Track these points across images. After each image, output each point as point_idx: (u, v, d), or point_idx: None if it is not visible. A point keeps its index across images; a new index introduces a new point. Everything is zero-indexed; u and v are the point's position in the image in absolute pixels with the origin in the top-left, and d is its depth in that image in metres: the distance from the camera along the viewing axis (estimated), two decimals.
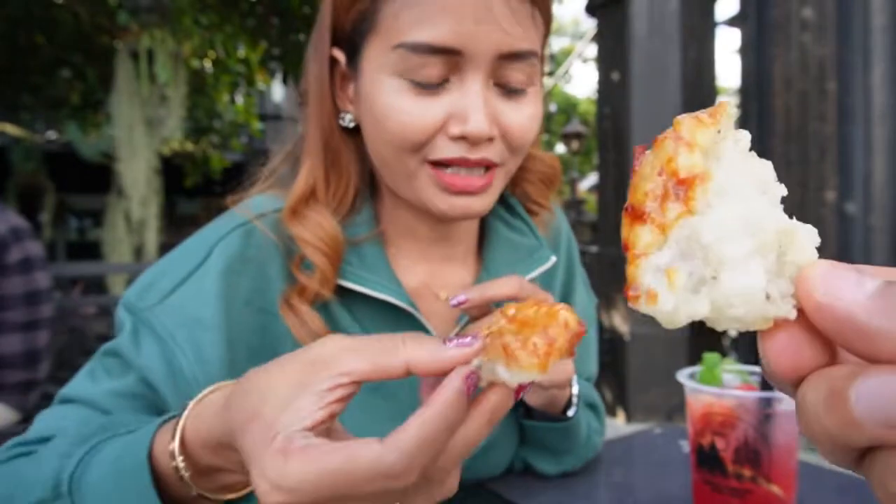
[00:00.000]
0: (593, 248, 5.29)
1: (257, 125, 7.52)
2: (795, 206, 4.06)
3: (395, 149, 0.60)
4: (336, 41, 0.65)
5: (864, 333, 0.19)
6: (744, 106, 4.50)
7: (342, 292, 0.66)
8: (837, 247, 3.86)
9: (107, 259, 6.13)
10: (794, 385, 0.22)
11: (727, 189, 0.23)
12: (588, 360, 0.89)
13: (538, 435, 0.77)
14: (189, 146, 7.22)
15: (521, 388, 0.38)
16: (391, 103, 0.58)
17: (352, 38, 0.63)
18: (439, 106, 0.58)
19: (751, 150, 0.25)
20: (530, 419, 0.76)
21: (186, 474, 0.45)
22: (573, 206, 11.47)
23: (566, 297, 0.85)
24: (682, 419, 0.71)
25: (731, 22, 5.68)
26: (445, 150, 0.59)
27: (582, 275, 0.89)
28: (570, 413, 0.74)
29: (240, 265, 0.62)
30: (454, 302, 0.65)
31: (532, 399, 0.72)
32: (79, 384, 0.61)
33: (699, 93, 4.68)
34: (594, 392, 0.88)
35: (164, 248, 6.36)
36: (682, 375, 0.68)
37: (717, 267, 0.23)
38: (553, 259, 0.75)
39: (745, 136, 0.25)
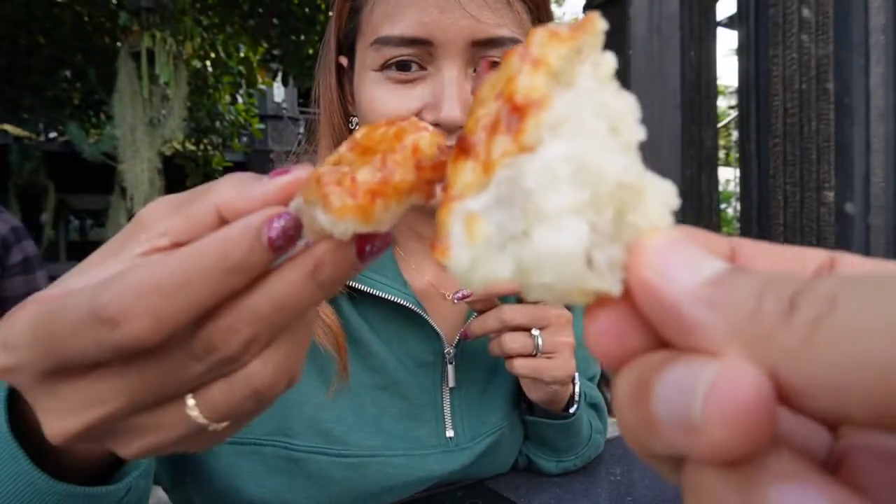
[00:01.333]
0: None
1: (258, 125, 7.53)
2: (795, 206, 4.06)
3: None
4: (341, 49, 0.68)
5: (683, 324, 0.15)
6: (742, 106, 4.50)
7: (352, 293, 0.67)
8: (836, 247, 3.88)
9: None
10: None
11: (566, 123, 0.18)
12: (591, 360, 0.90)
13: (539, 432, 0.78)
14: (190, 146, 7.23)
15: (362, 246, 0.26)
16: (372, 96, 0.61)
17: (349, 42, 0.66)
18: (416, 96, 0.60)
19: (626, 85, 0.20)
20: (532, 415, 0.77)
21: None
22: None
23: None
24: None
25: (730, 22, 5.69)
26: None
27: None
28: (572, 410, 0.75)
29: None
30: (458, 296, 0.67)
31: (533, 395, 0.73)
32: None
33: (699, 93, 4.69)
34: (597, 392, 0.89)
35: None
36: None
37: (533, 220, 0.18)
38: None
39: (609, 62, 0.19)
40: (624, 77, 4.65)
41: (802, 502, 0.13)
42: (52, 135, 7.98)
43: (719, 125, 7.37)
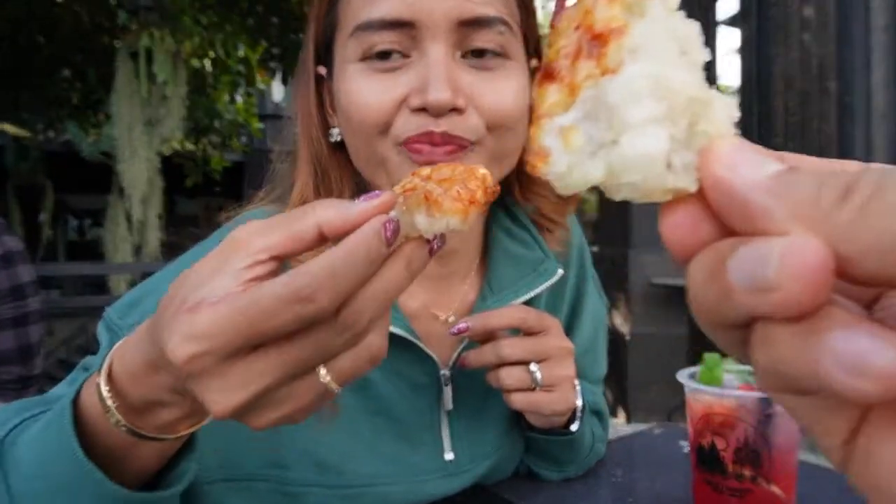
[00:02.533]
0: (594, 248, 5.30)
1: (257, 125, 7.53)
2: None
3: (365, 136, 0.58)
4: (319, 59, 0.65)
5: (750, 212, 0.18)
6: (744, 105, 4.50)
7: None
8: None
9: (108, 259, 6.13)
10: (684, 264, 0.21)
11: (643, 47, 0.21)
12: (598, 362, 0.88)
13: (541, 446, 0.76)
14: (189, 146, 7.23)
15: (431, 245, 0.36)
16: (354, 88, 0.57)
17: (327, 45, 0.63)
18: (401, 83, 0.56)
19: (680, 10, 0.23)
20: (532, 431, 0.75)
21: (113, 405, 0.40)
22: None
23: (577, 302, 0.84)
24: (682, 419, 0.71)
25: (732, 21, 5.68)
26: (408, 124, 0.55)
27: (594, 277, 0.87)
28: (574, 427, 0.73)
29: None
30: (454, 330, 0.64)
31: (533, 421, 0.71)
32: (58, 389, 0.59)
33: None
34: (601, 399, 0.87)
35: (165, 248, 6.38)
36: (683, 375, 0.68)
37: (619, 130, 0.21)
38: (560, 272, 0.72)
39: None
40: None
41: (855, 341, 0.15)
42: (51, 134, 7.99)
43: None
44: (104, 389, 0.41)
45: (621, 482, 0.80)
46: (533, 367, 0.63)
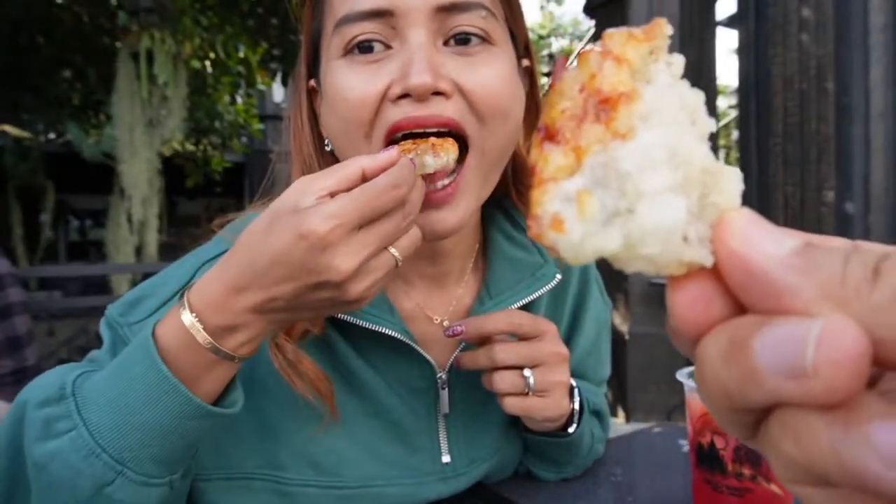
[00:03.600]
0: None
1: (257, 126, 7.52)
2: (795, 206, 4.06)
3: (350, 138, 0.58)
4: (310, 73, 0.66)
5: (773, 289, 0.17)
6: (743, 105, 4.50)
7: (340, 326, 0.65)
8: None
9: (110, 259, 6.13)
10: (696, 342, 0.20)
11: (655, 114, 0.21)
12: (601, 364, 0.88)
13: (539, 447, 0.77)
14: (190, 146, 7.23)
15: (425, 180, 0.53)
16: (339, 83, 0.57)
17: (315, 51, 0.64)
18: (384, 73, 0.56)
19: (684, 78, 0.22)
20: (530, 432, 0.76)
21: (199, 326, 0.48)
22: None
23: (580, 304, 0.84)
24: (681, 418, 0.72)
25: (730, 22, 5.69)
26: (391, 114, 0.55)
27: (597, 279, 0.87)
28: (571, 430, 0.73)
29: None
30: (448, 332, 0.65)
31: (528, 424, 0.71)
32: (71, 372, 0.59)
33: None
34: (602, 400, 0.87)
35: (165, 249, 6.38)
36: (682, 375, 0.69)
37: (634, 199, 0.20)
38: (558, 277, 0.72)
39: (680, 61, 0.22)
40: None
41: None
42: (52, 135, 7.98)
43: (719, 125, 7.38)
44: (190, 317, 0.48)
45: (621, 481, 0.81)
46: (527, 372, 0.64)
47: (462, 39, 0.56)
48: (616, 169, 0.20)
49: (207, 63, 6.23)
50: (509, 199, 0.74)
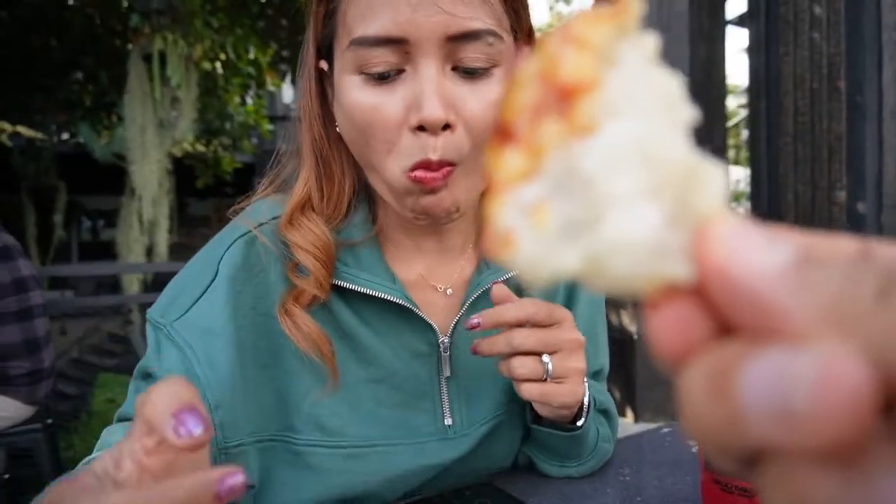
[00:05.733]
0: None
1: (267, 126, 7.56)
2: (805, 205, 4.04)
3: (372, 151, 0.61)
4: (320, 54, 0.68)
5: (764, 309, 0.15)
6: (753, 105, 4.48)
7: (343, 293, 0.68)
8: None
9: (121, 259, 6.19)
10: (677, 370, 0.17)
11: (623, 105, 0.17)
12: (598, 352, 0.89)
13: (543, 439, 0.78)
14: (200, 147, 7.28)
15: None
16: (355, 98, 0.59)
17: (327, 46, 0.66)
18: (398, 97, 0.59)
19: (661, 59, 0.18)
20: (537, 424, 0.77)
21: None
22: None
23: (573, 287, 0.85)
24: None
25: (740, 20, 5.66)
26: (411, 150, 0.59)
27: None
28: (580, 423, 0.74)
29: (244, 274, 0.65)
30: (467, 326, 0.66)
31: (541, 412, 0.72)
32: (129, 404, 0.65)
33: (708, 92, 4.67)
34: (608, 398, 0.87)
35: (176, 249, 6.43)
36: None
37: (598, 207, 0.17)
38: None
39: (652, 41, 0.19)
40: None
41: None
42: (65, 136, 8.06)
43: (729, 124, 7.33)
44: None
45: (629, 481, 0.81)
46: (545, 358, 0.64)
47: (469, 71, 0.60)
48: (578, 171, 0.17)
49: (218, 64, 6.27)
50: None
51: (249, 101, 7.28)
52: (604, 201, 0.17)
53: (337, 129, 0.67)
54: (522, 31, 0.66)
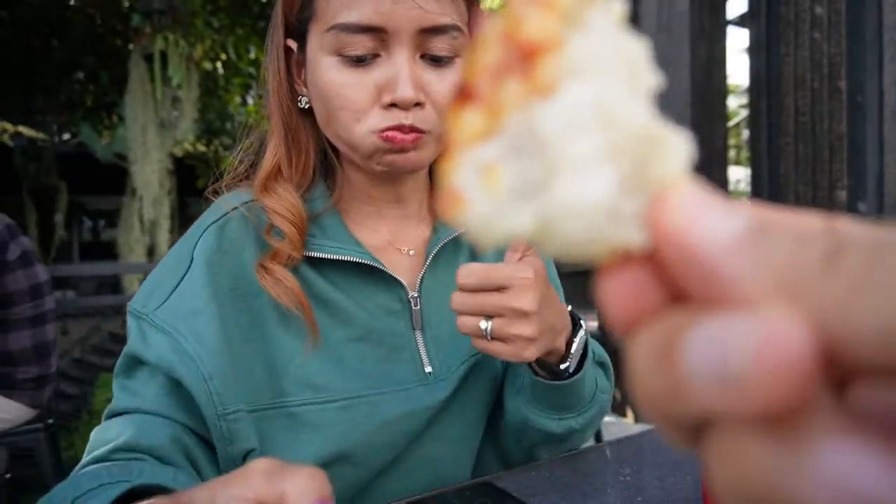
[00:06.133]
0: None
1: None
2: (806, 206, 4.03)
3: (343, 122, 0.68)
4: (289, 33, 0.74)
5: (716, 276, 0.14)
6: (753, 105, 4.48)
7: (313, 263, 0.72)
8: None
9: (122, 259, 6.19)
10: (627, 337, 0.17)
11: (585, 67, 0.17)
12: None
13: (542, 391, 0.78)
14: (201, 147, 7.28)
15: None
16: (332, 80, 0.67)
17: (299, 28, 0.72)
18: (372, 78, 0.66)
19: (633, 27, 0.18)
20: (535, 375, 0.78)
21: None
22: None
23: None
24: None
25: (741, 21, 5.66)
26: (383, 119, 0.67)
27: None
28: (564, 366, 0.75)
29: (219, 257, 0.70)
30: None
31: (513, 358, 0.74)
32: (121, 400, 0.67)
33: (709, 92, 4.67)
34: (602, 350, 0.92)
35: None
36: None
37: (553, 169, 0.17)
38: None
39: (620, 5, 0.18)
40: None
41: (857, 457, 0.12)
42: (66, 136, 8.06)
43: (730, 124, 7.33)
44: None
45: (630, 481, 0.81)
46: (483, 323, 0.67)
47: (435, 59, 0.68)
48: (536, 132, 0.17)
49: (219, 64, 6.28)
50: None
51: (250, 101, 7.29)
52: (559, 163, 0.16)
53: (300, 103, 0.74)
54: (472, 28, 0.74)
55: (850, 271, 0.13)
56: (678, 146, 0.17)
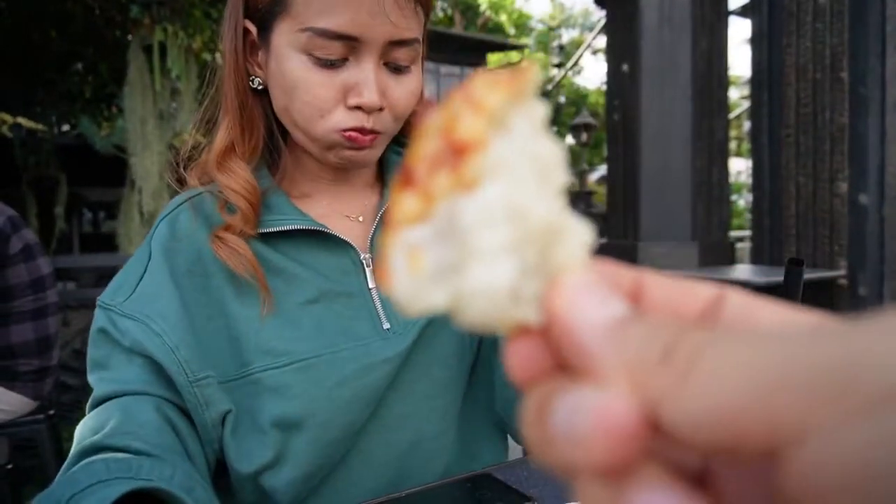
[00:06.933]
0: (603, 240, 5.29)
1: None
2: (807, 197, 4.03)
3: (307, 116, 0.72)
4: (249, 15, 0.76)
5: (585, 354, 0.18)
6: (755, 96, 4.46)
7: (264, 238, 0.76)
8: (850, 238, 3.84)
9: (122, 251, 6.20)
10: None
11: (502, 167, 0.19)
12: None
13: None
14: (201, 139, 7.26)
15: None
16: (301, 76, 0.71)
17: (264, 15, 0.75)
18: (339, 79, 0.71)
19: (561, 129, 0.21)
20: None
21: None
22: (582, 197, 11.39)
23: None
24: None
25: (743, 11, 5.63)
26: (346, 120, 0.72)
27: None
28: None
29: (173, 244, 0.75)
30: None
31: None
32: (102, 389, 0.70)
33: (710, 84, 4.65)
34: None
35: None
36: None
37: (466, 256, 0.19)
38: None
39: (541, 110, 0.21)
40: (634, 68, 4.62)
41: (657, 501, 0.16)
42: (65, 128, 8.04)
43: (731, 116, 7.32)
44: None
45: None
46: None
47: (396, 68, 0.74)
48: (458, 222, 0.19)
49: (218, 56, 6.25)
50: (402, 133, 0.89)
51: None
52: (472, 251, 0.19)
53: (252, 83, 0.77)
54: (424, 37, 0.80)
55: (677, 365, 0.16)
56: (580, 235, 0.20)
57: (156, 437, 0.65)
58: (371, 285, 0.80)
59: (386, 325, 0.79)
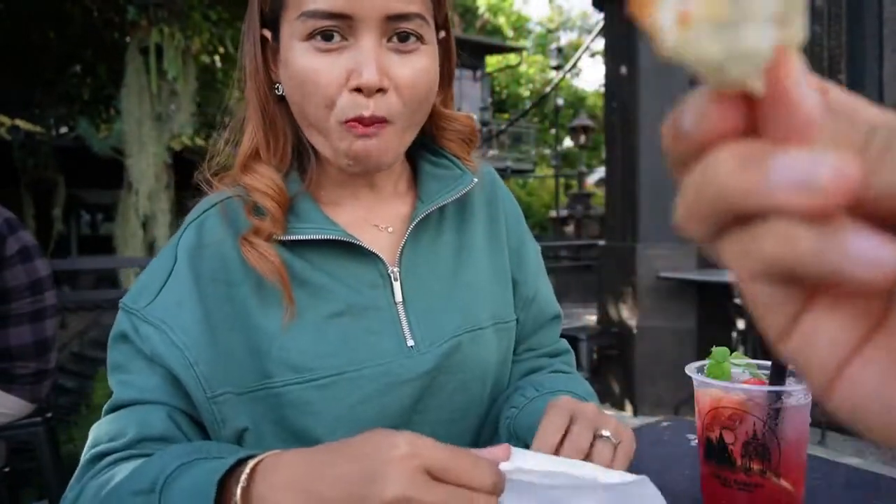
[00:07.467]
0: (601, 242, 5.28)
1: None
2: None
3: (314, 108, 0.70)
4: (264, 23, 0.76)
5: (807, 128, 0.20)
6: None
7: (290, 246, 0.74)
8: None
9: (120, 253, 6.18)
10: (701, 150, 0.22)
11: None
12: (552, 299, 0.96)
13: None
14: (199, 141, 7.26)
15: None
16: (306, 65, 0.69)
17: (273, 18, 0.74)
18: (341, 63, 0.69)
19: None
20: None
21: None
22: (581, 199, 11.37)
23: (520, 247, 0.93)
24: (689, 412, 0.72)
25: None
26: (347, 107, 0.69)
27: (526, 227, 0.99)
28: None
29: (199, 251, 0.73)
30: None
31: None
32: (121, 394, 0.70)
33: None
34: (571, 359, 0.97)
35: None
36: (691, 369, 0.68)
37: (741, 18, 0.20)
38: (475, 181, 0.84)
39: None
40: (634, 69, 4.62)
41: (875, 243, 0.19)
42: (63, 130, 8.03)
43: None
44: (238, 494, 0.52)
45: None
46: (604, 432, 0.69)
47: (402, 37, 0.70)
48: None
49: (217, 58, 6.25)
50: (433, 142, 0.87)
51: None
52: (747, 14, 0.20)
53: (277, 90, 0.76)
54: (441, 19, 0.78)
55: (876, 148, 0.20)
56: (801, 23, 0.21)
57: (175, 442, 0.66)
58: (398, 299, 0.78)
59: (410, 343, 0.77)
